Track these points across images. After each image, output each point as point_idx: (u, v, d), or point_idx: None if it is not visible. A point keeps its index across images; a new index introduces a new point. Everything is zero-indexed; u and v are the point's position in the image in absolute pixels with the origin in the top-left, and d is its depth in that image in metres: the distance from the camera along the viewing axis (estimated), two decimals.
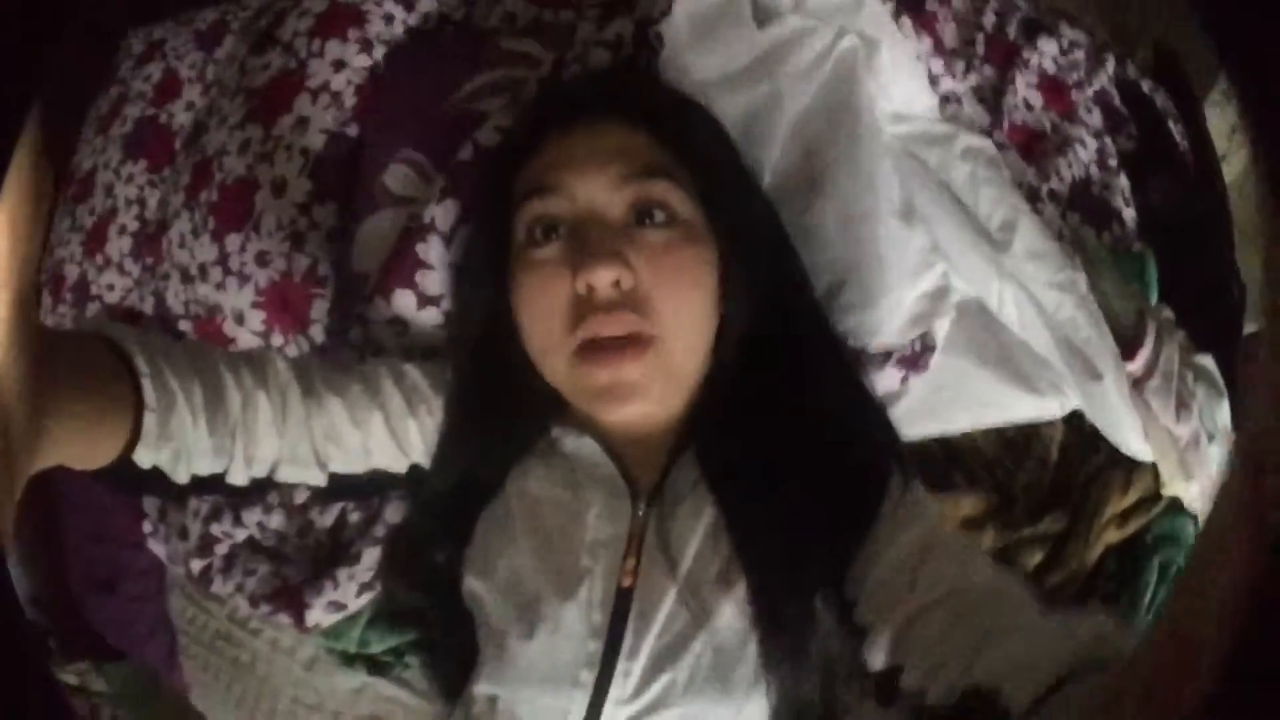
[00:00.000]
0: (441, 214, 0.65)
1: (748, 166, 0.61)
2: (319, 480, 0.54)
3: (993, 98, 0.86)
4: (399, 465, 0.57)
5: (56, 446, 0.36)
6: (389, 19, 0.81)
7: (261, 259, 0.75)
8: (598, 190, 0.50)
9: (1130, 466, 0.69)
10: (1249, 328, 0.80)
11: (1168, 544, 0.68)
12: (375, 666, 0.74)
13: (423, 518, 0.63)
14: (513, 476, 0.58)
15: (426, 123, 0.74)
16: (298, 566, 0.72)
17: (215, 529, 0.71)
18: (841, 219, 0.64)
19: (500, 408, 0.58)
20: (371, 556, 0.67)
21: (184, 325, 0.83)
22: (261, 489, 0.53)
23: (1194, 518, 0.69)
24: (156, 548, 0.78)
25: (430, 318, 0.66)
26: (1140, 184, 0.83)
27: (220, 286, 0.77)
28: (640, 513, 0.53)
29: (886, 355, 0.64)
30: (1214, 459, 0.72)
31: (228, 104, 0.82)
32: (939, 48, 0.84)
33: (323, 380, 0.54)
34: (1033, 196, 0.80)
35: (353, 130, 0.77)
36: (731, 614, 0.50)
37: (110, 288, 0.91)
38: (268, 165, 0.76)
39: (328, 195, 0.76)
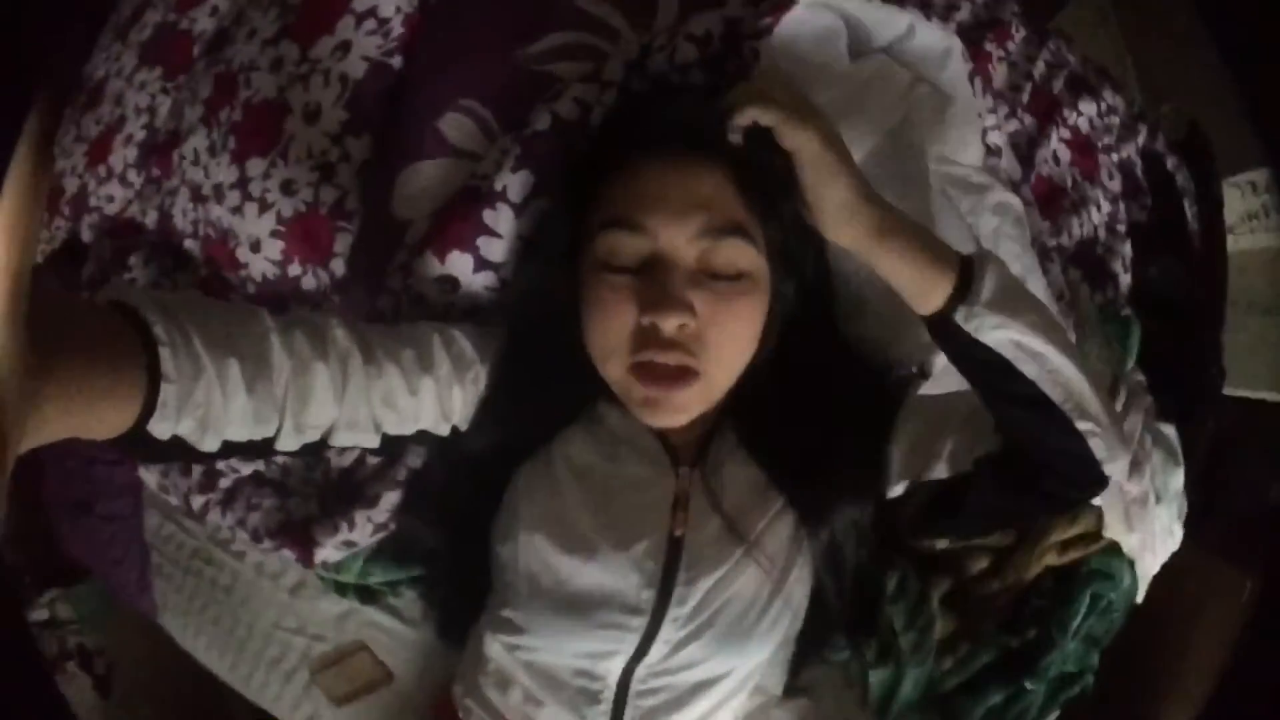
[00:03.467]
0: (515, 185, 0.63)
1: None
2: (372, 443, 0.56)
3: (1026, 146, 0.88)
4: (442, 429, 0.60)
5: (54, 423, 0.36)
6: None
7: (287, 187, 0.71)
8: (680, 238, 0.54)
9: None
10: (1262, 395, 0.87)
11: (1102, 579, 0.75)
12: (366, 594, 0.76)
13: (456, 470, 0.65)
14: (557, 441, 0.63)
15: (489, 73, 0.70)
16: (303, 501, 0.71)
17: (220, 463, 0.70)
18: None
19: (553, 379, 0.61)
20: (390, 500, 0.68)
21: (189, 244, 0.79)
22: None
23: (1130, 562, 0.76)
24: (148, 477, 0.75)
25: (484, 280, 0.64)
26: (1144, 255, 0.89)
27: (237, 210, 0.72)
28: (682, 476, 0.60)
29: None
30: (1158, 518, 0.82)
31: (259, 16, 0.76)
32: (987, 86, 0.85)
33: (381, 348, 0.55)
34: (1043, 253, 0.83)
35: (396, 62, 0.73)
36: (776, 547, 0.59)
37: (110, 199, 0.85)
38: (301, 88, 0.71)
39: (364, 127, 0.72)
